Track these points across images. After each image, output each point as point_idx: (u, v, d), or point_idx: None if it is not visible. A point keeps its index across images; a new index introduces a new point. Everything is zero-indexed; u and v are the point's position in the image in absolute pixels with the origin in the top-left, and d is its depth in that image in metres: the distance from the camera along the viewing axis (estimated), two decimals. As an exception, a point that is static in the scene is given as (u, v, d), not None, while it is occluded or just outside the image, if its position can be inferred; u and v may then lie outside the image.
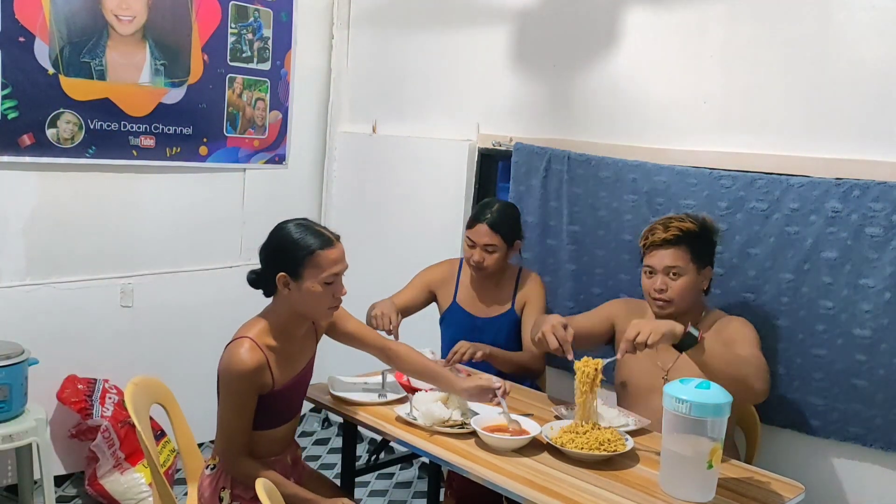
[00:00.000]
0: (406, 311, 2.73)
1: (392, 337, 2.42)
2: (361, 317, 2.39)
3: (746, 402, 2.27)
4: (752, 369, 2.04)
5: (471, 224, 2.68)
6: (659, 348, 2.26)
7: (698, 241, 2.25)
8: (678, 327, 1.93)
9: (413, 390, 2.35)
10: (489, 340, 2.65)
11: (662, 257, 2.24)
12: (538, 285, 2.75)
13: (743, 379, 2.00)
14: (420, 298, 2.81)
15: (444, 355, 2.64)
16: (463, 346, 2.52)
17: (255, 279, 2.06)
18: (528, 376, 2.72)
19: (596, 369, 2.05)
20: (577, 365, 2.08)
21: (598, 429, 2.03)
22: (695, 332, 1.92)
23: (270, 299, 2.09)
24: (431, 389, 2.32)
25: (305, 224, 2.03)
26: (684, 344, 1.92)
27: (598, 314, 2.50)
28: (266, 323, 2.02)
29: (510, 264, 2.78)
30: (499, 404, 2.17)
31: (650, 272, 2.28)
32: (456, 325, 2.76)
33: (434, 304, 2.87)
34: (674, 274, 2.23)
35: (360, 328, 2.26)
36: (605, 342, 2.48)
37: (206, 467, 2.10)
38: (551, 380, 2.95)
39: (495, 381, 2.21)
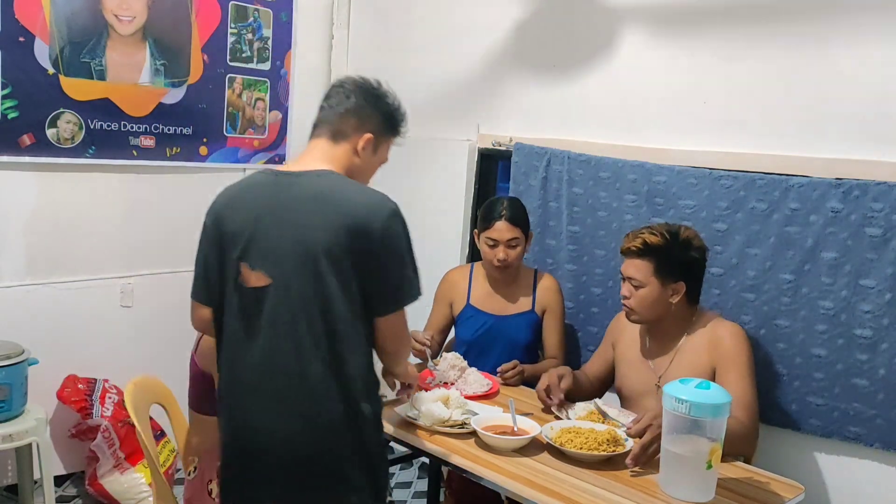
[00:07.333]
0: (445, 331, 2.79)
1: (430, 352, 2.50)
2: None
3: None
4: (743, 443, 2.06)
5: (487, 224, 2.62)
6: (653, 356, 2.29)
7: (664, 255, 2.18)
8: None
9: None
10: (507, 338, 2.67)
11: (627, 266, 2.24)
12: (557, 290, 2.73)
13: (730, 450, 1.97)
14: (446, 312, 2.79)
15: (458, 351, 2.65)
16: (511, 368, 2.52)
17: None
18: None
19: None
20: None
21: (596, 428, 2.04)
22: None
23: None
24: (432, 388, 2.32)
25: None
26: None
27: (604, 346, 2.51)
28: None
29: (524, 265, 2.75)
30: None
31: (621, 278, 2.29)
32: (470, 325, 2.72)
33: None
34: (635, 284, 2.22)
35: None
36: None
37: (187, 474, 2.10)
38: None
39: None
